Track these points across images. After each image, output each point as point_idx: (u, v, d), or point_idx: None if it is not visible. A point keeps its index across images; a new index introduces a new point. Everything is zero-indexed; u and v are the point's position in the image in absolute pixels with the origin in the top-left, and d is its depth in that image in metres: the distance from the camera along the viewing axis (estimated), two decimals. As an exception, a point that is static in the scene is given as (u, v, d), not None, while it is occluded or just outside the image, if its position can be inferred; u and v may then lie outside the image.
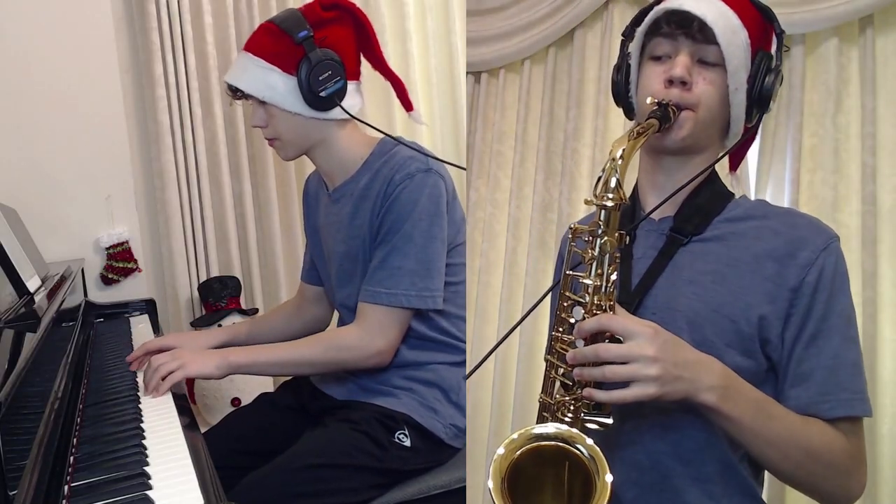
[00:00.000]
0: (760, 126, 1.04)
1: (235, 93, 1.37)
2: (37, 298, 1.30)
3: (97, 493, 0.85)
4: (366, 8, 2.54)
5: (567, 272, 0.91)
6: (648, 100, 0.94)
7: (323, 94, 1.30)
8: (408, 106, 1.46)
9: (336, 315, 1.60)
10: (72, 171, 2.17)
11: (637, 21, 1.02)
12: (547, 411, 0.92)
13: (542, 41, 2.20)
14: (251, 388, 2.26)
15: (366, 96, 1.44)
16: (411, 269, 1.30)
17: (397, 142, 1.38)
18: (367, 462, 1.27)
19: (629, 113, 1.07)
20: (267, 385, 2.31)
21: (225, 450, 1.36)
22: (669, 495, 0.94)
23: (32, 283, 1.38)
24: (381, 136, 1.41)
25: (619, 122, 2.11)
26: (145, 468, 0.92)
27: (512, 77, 2.33)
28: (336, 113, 1.34)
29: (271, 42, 1.32)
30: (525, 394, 2.15)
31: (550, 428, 0.84)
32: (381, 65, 1.42)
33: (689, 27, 0.93)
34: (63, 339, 1.35)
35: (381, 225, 1.33)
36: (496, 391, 2.18)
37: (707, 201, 0.99)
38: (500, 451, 0.84)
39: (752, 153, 1.87)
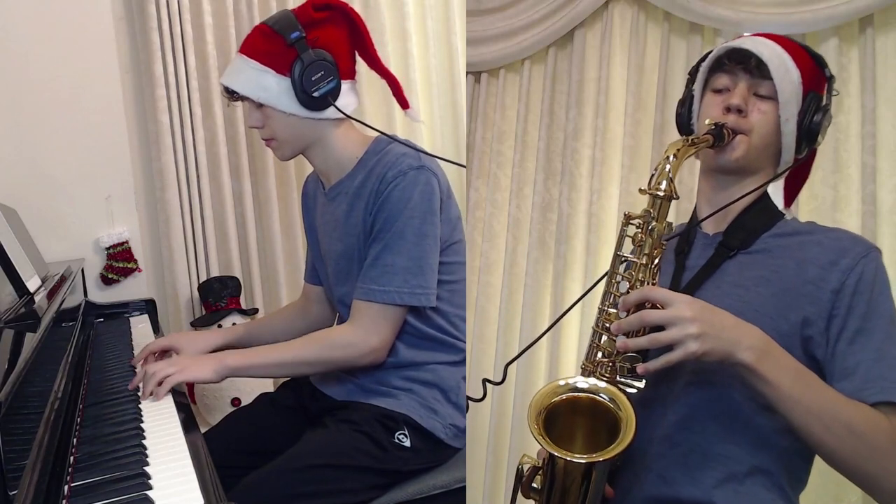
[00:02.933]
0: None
1: (232, 94, 1.39)
2: (37, 298, 1.30)
3: (97, 493, 0.85)
4: (366, 8, 2.55)
5: (617, 253, 1.01)
6: (707, 121, 1.05)
7: (316, 94, 1.31)
8: (403, 104, 1.47)
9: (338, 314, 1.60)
10: (72, 171, 2.17)
11: (702, 60, 1.14)
12: (586, 375, 0.99)
13: (542, 41, 2.20)
14: (251, 388, 2.26)
15: (364, 95, 1.44)
16: (403, 267, 1.31)
17: (391, 139, 1.39)
18: (368, 462, 1.27)
19: None
20: (267, 385, 2.31)
21: (225, 450, 1.36)
22: (692, 464, 0.99)
23: (32, 283, 1.38)
24: (377, 134, 1.41)
25: (619, 122, 2.11)
26: (145, 468, 0.92)
27: (512, 77, 2.33)
28: (331, 112, 1.35)
29: (264, 44, 1.33)
30: (525, 393, 2.15)
31: (588, 382, 0.95)
32: (375, 63, 1.43)
33: (748, 63, 1.06)
34: (63, 339, 1.35)
35: (374, 222, 1.33)
36: (496, 390, 2.18)
37: (755, 220, 1.08)
38: (548, 386, 0.94)
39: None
